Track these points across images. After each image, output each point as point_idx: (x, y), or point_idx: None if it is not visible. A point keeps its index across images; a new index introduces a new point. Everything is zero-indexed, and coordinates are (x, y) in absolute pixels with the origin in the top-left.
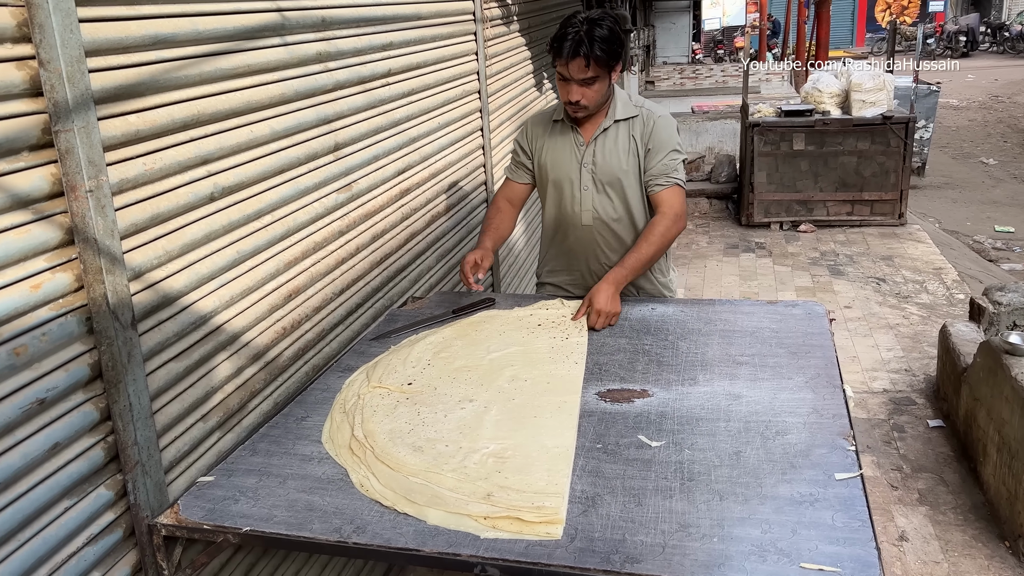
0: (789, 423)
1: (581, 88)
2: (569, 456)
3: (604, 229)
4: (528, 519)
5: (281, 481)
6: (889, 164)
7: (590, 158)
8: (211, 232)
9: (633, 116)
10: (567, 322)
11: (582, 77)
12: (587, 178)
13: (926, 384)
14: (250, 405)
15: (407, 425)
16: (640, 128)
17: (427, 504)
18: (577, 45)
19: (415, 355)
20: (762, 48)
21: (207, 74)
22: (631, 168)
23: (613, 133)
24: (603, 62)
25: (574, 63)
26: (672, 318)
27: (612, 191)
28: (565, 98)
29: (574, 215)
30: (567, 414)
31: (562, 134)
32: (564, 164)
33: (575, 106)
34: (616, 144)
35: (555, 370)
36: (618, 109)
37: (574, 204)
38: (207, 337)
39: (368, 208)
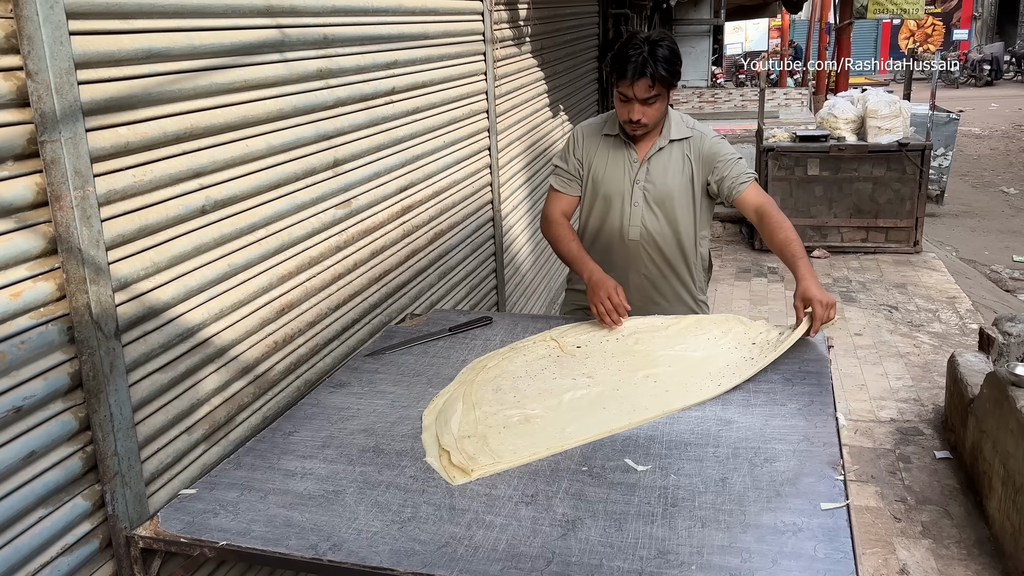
0: (778, 450)
1: (643, 107)
2: (562, 446)
3: (649, 245)
4: (451, 461)
5: (262, 496)
6: (905, 191)
7: (644, 175)
8: (202, 245)
9: (687, 137)
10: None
11: (646, 96)
12: (639, 195)
13: (935, 414)
14: (238, 419)
15: (511, 382)
16: (695, 148)
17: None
18: (643, 65)
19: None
20: (783, 74)
21: (202, 88)
22: (684, 187)
23: (667, 152)
24: (666, 81)
25: (640, 83)
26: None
27: (661, 209)
28: (626, 117)
29: (621, 229)
30: (622, 421)
31: (615, 149)
32: (616, 179)
33: (636, 125)
34: (670, 163)
35: (689, 381)
36: (672, 129)
37: (623, 219)
38: (194, 349)
39: (367, 224)
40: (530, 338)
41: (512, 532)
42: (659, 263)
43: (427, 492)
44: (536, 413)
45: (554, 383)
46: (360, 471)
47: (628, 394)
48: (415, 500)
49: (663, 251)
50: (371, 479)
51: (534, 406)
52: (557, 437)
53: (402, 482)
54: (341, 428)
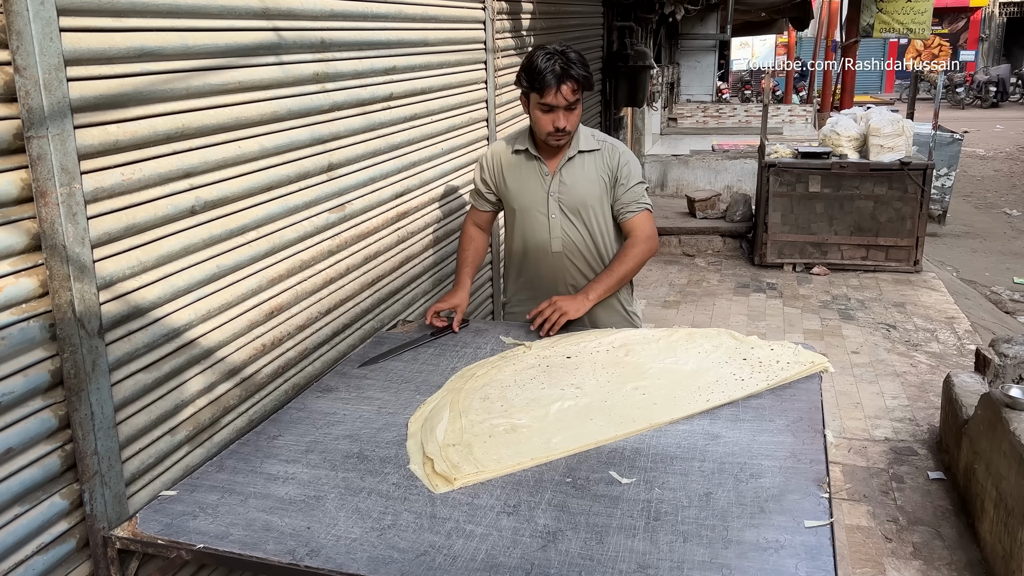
0: (765, 466)
1: (567, 114)
2: (547, 457)
3: (573, 255)
4: (434, 469)
5: (243, 499)
6: (906, 210)
7: (556, 187)
8: (190, 245)
9: (596, 149)
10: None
11: (571, 101)
12: (554, 206)
13: (929, 434)
14: (223, 421)
15: (499, 391)
16: (605, 160)
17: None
18: (564, 70)
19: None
20: (788, 90)
21: (195, 89)
22: (597, 196)
23: (579, 163)
24: (587, 82)
25: (564, 88)
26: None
27: (577, 219)
28: (550, 127)
29: (543, 242)
30: (608, 433)
31: (526, 164)
32: (530, 193)
33: (561, 134)
34: (583, 173)
35: (677, 394)
36: (581, 140)
37: (543, 231)
38: (180, 350)
39: (361, 229)
40: (518, 348)
41: (492, 542)
42: (584, 272)
43: (409, 500)
44: (523, 423)
45: (542, 393)
46: (343, 477)
47: (616, 405)
48: (396, 507)
49: (587, 260)
50: (353, 485)
51: (521, 415)
52: (542, 447)
53: (384, 489)
54: (326, 433)
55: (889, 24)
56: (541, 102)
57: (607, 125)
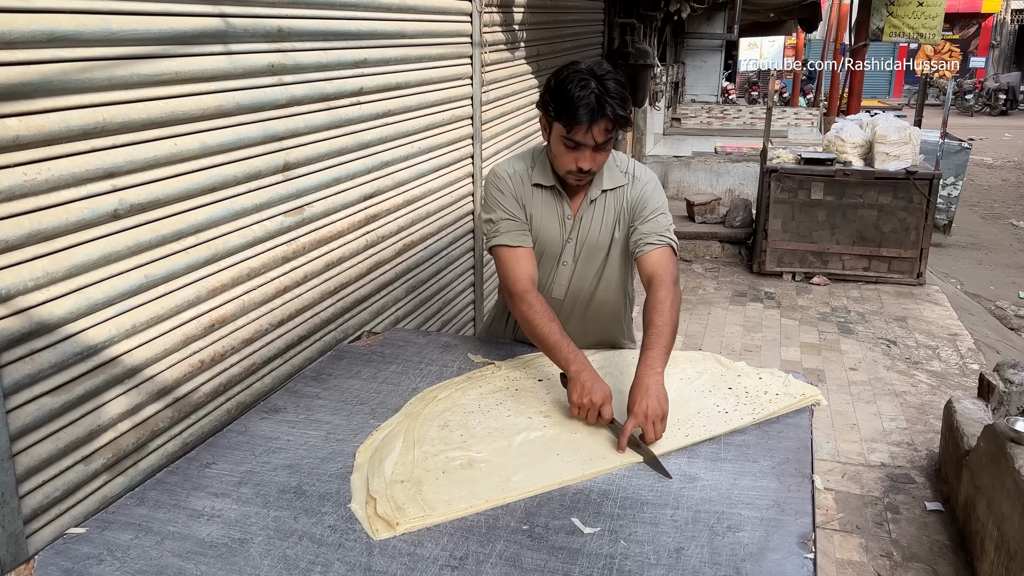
0: (744, 517)
1: (594, 154)
2: (504, 499)
3: (574, 303)
4: (375, 510)
5: (159, 540)
6: (910, 221)
7: (575, 233)
8: (111, 253)
9: (621, 185)
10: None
11: (604, 140)
12: (568, 254)
13: (928, 461)
14: (150, 445)
15: (460, 417)
16: (627, 196)
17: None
18: (599, 106)
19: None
20: (795, 92)
21: (120, 79)
22: (613, 240)
23: (600, 204)
24: (624, 121)
25: (598, 126)
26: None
27: (589, 266)
28: (572, 167)
29: (545, 287)
30: (574, 472)
31: (547, 202)
32: (550, 238)
33: (585, 175)
34: (602, 216)
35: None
36: (605, 178)
37: (547, 276)
38: (97, 369)
39: (323, 234)
40: (487, 367)
41: None
42: (583, 319)
43: (344, 547)
44: (481, 456)
45: (507, 421)
46: (274, 516)
47: (586, 439)
48: (328, 556)
49: (588, 307)
50: (284, 527)
51: (480, 448)
52: (500, 487)
53: (318, 533)
54: (264, 462)
55: (899, 28)
56: (566, 137)
57: None
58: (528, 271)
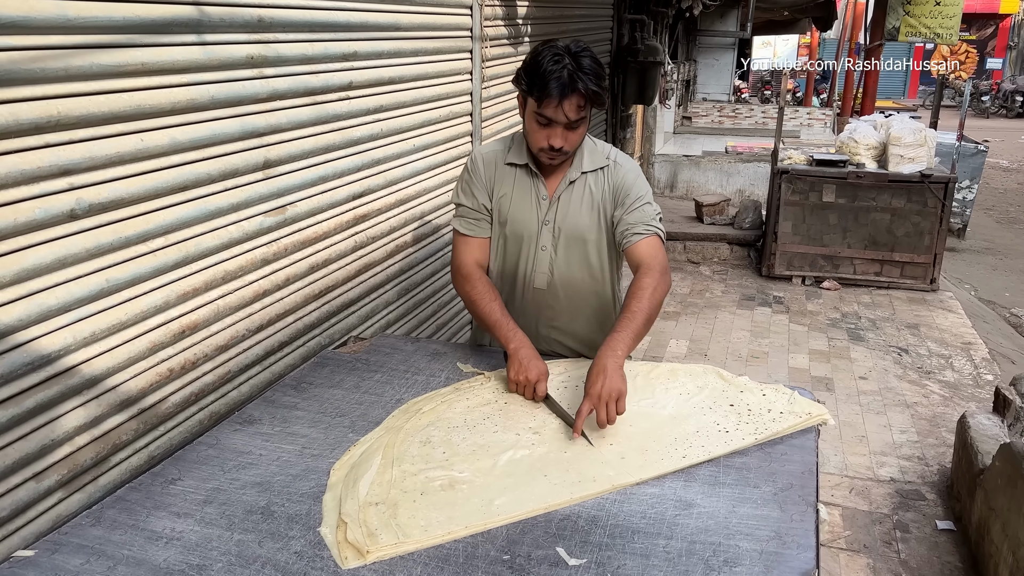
0: (742, 550)
1: (567, 132)
2: (486, 525)
3: (557, 295)
4: (346, 536)
5: (111, 566)
6: (924, 225)
7: (553, 215)
8: (67, 256)
9: (602, 167)
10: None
11: (576, 118)
12: (546, 237)
13: (940, 477)
14: (112, 460)
15: (443, 433)
16: (607, 180)
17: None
18: (571, 80)
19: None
20: (808, 92)
21: (77, 69)
22: (594, 225)
23: (580, 186)
24: (598, 98)
25: (569, 101)
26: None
27: (571, 251)
28: (544, 143)
29: (526, 276)
30: (561, 496)
31: (521, 182)
32: (524, 219)
33: (556, 153)
34: (581, 199)
35: (650, 446)
36: (585, 159)
37: (528, 264)
38: (51, 380)
39: (307, 235)
40: (476, 378)
41: None
42: (570, 313)
43: None
44: (464, 476)
45: (494, 438)
46: (238, 540)
47: (576, 458)
48: None
49: (574, 300)
50: (247, 552)
51: (463, 467)
52: (481, 512)
53: (283, 560)
54: (233, 479)
55: (916, 28)
56: (538, 112)
57: (613, 122)
58: (476, 257)
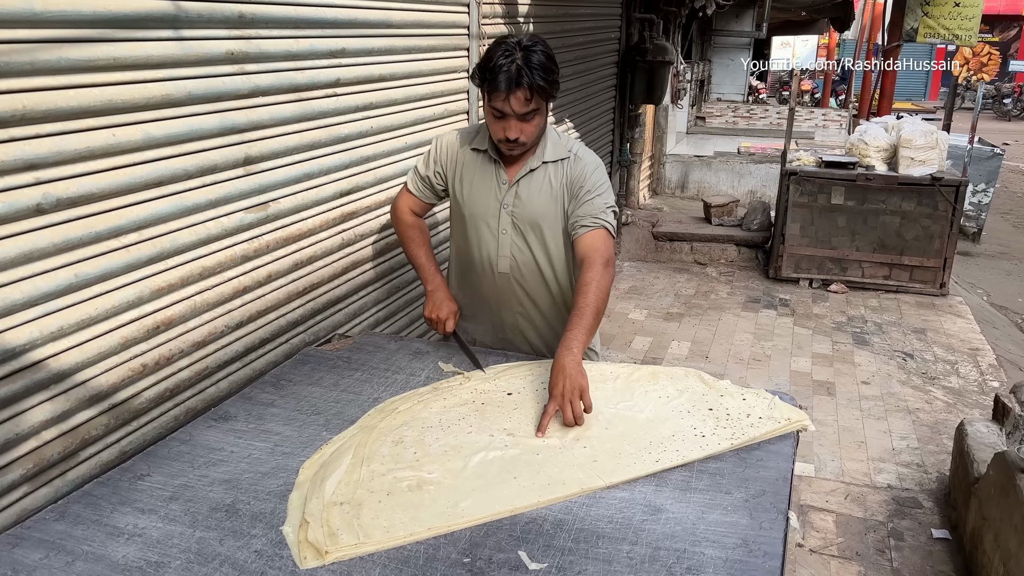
0: (707, 557)
1: (520, 124)
2: (449, 527)
3: (522, 279)
4: (306, 536)
5: (69, 562)
6: (934, 228)
7: (511, 199)
8: (33, 251)
9: (563, 158)
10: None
11: (524, 111)
12: (506, 221)
13: (938, 485)
14: (81, 454)
15: (417, 433)
16: (567, 171)
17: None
18: (518, 75)
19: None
20: (826, 93)
21: (44, 64)
22: (554, 214)
23: (541, 175)
24: (545, 92)
25: (516, 95)
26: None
27: (532, 237)
28: (501, 135)
29: (490, 260)
30: (529, 499)
31: (483, 167)
32: (483, 202)
33: (513, 144)
34: (541, 187)
35: (624, 449)
36: (547, 149)
37: (490, 247)
38: (17, 374)
39: (290, 232)
40: (456, 378)
41: None
42: (534, 299)
43: (266, 575)
44: (433, 477)
45: (467, 439)
46: (199, 537)
47: (548, 461)
48: None
49: (537, 286)
50: (207, 550)
51: (433, 468)
52: (446, 514)
53: (242, 559)
54: (202, 476)
55: (934, 29)
56: (491, 105)
57: (621, 121)
58: (411, 205)
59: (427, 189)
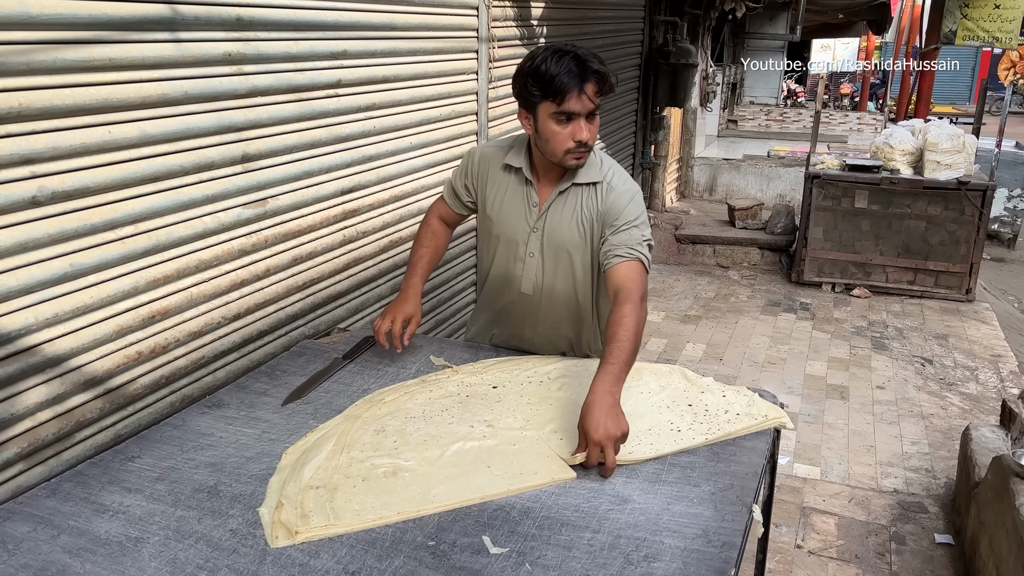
0: (665, 546)
1: (589, 124)
2: (419, 512)
3: (545, 301)
4: (279, 516)
5: (54, 535)
6: (961, 233)
7: (542, 223)
8: (28, 241)
9: (595, 182)
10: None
11: (591, 108)
12: (535, 244)
13: (946, 490)
14: (76, 436)
15: (400, 423)
16: (599, 198)
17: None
18: (581, 69)
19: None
20: (863, 96)
21: (40, 64)
22: (580, 240)
23: (573, 199)
24: (608, 82)
25: (589, 86)
26: None
27: (559, 262)
28: (570, 142)
29: (514, 279)
30: (499, 487)
31: (515, 187)
32: (512, 222)
33: (584, 150)
34: (571, 212)
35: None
36: (581, 169)
37: (516, 268)
38: (11, 358)
39: (290, 227)
40: (445, 371)
41: None
42: (556, 322)
43: (238, 552)
44: (409, 465)
45: (447, 429)
46: (179, 516)
47: (523, 452)
48: (218, 561)
49: (558, 309)
50: (185, 528)
51: (410, 456)
52: (417, 499)
53: (217, 536)
54: (189, 459)
55: (973, 31)
56: (560, 110)
57: (644, 124)
58: (442, 214)
59: (456, 200)
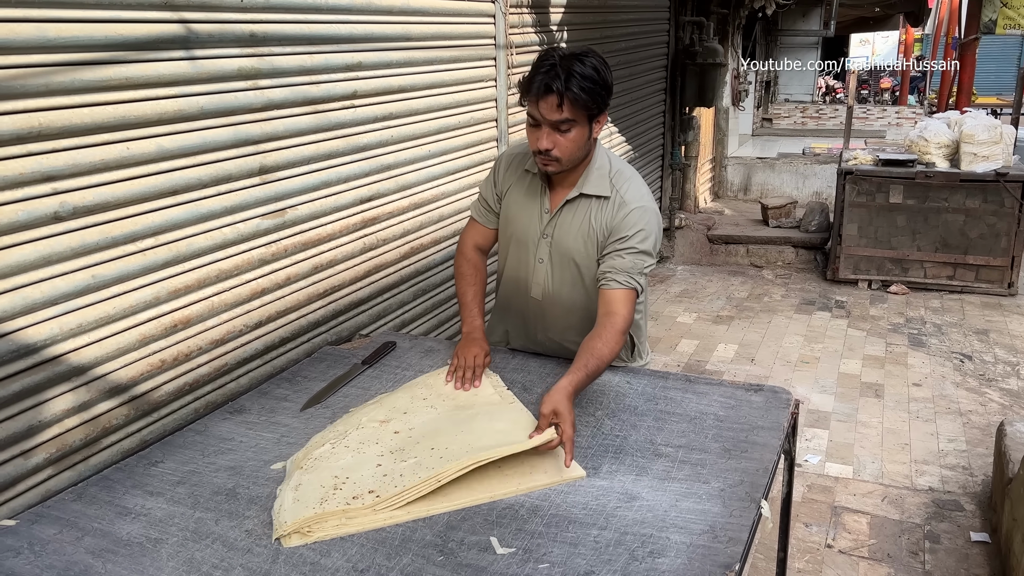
0: (671, 542)
1: (553, 135)
2: (427, 511)
3: (553, 307)
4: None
5: (79, 537)
6: (1000, 226)
7: (552, 229)
8: (51, 255)
9: (604, 196)
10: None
11: (554, 119)
12: (544, 251)
13: (983, 488)
14: (103, 442)
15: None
16: (610, 217)
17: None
18: (549, 79)
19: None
20: (903, 90)
21: (58, 85)
22: (586, 252)
23: (582, 210)
24: (581, 103)
25: (545, 102)
26: (611, 390)
27: (567, 271)
28: (534, 145)
29: (525, 283)
30: (510, 487)
31: (531, 190)
32: (525, 226)
33: (545, 156)
34: (581, 224)
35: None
36: (589, 181)
37: (526, 271)
38: (38, 367)
39: (309, 236)
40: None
41: None
42: (565, 326)
43: (252, 552)
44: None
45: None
46: (198, 517)
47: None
48: (232, 561)
49: (567, 316)
50: (203, 529)
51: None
52: (423, 504)
53: (233, 537)
54: (209, 463)
55: (1014, 20)
56: (529, 112)
57: (672, 125)
58: (476, 240)
59: (489, 213)
